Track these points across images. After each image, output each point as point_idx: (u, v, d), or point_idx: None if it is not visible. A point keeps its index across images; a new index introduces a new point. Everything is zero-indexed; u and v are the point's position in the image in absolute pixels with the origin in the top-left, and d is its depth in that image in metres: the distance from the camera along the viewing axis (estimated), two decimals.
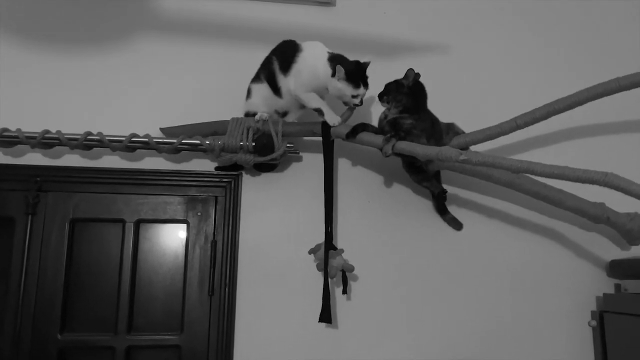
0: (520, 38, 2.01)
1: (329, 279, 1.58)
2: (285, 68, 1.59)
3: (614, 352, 1.67)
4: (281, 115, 1.70)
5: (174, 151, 1.69)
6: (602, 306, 1.78)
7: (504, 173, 1.63)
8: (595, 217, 1.71)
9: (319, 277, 1.61)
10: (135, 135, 1.64)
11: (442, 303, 1.77)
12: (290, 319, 1.69)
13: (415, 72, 1.58)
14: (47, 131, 1.61)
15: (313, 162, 1.77)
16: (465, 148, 1.62)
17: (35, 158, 1.69)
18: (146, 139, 1.65)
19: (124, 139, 1.63)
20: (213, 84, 1.81)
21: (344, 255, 1.60)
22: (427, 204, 1.83)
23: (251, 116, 1.67)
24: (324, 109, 1.60)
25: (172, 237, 1.73)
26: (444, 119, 1.67)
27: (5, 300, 1.60)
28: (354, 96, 1.54)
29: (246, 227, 1.73)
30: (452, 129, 1.67)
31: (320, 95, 1.60)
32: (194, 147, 1.67)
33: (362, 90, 1.54)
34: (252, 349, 1.66)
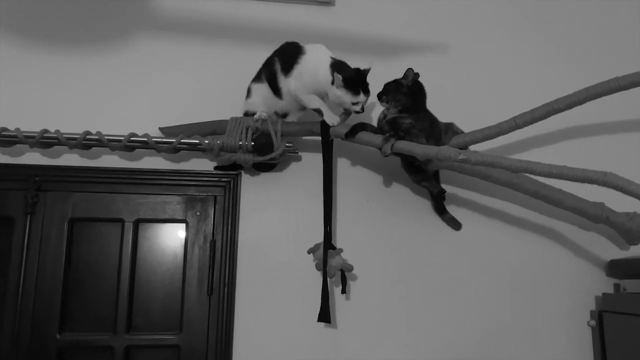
0: (520, 38, 2.01)
1: (328, 279, 1.58)
2: (287, 69, 1.59)
3: (613, 352, 1.67)
4: (281, 116, 1.70)
5: (173, 151, 1.69)
6: (601, 306, 1.78)
7: (503, 172, 1.63)
8: (594, 216, 1.71)
9: (318, 276, 1.61)
10: (134, 135, 1.64)
11: (441, 303, 1.77)
12: (289, 318, 1.69)
13: (415, 72, 1.58)
14: (46, 130, 1.61)
15: (312, 161, 1.77)
16: (465, 148, 1.62)
17: (34, 157, 1.69)
18: (145, 139, 1.64)
19: (123, 138, 1.63)
20: (212, 83, 1.81)
21: (343, 254, 1.60)
22: (426, 204, 1.83)
23: (250, 116, 1.67)
24: (323, 110, 1.60)
25: (171, 236, 1.73)
26: (443, 119, 1.67)
27: (4, 300, 1.60)
28: (353, 103, 1.54)
29: (245, 227, 1.73)
30: (451, 128, 1.67)
31: (320, 97, 1.60)
32: (193, 147, 1.67)
33: (362, 97, 1.53)
34: (251, 348, 1.66)
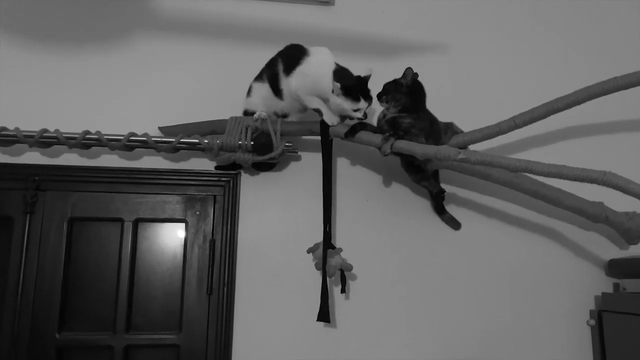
0: (519, 37, 2.01)
1: (328, 278, 1.57)
2: (289, 69, 1.58)
3: (613, 352, 1.67)
4: (280, 117, 1.70)
5: (173, 150, 1.68)
6: (601, 305, 1.78)
7: (503, 172, 1.63)
8: (593, 216, 1.72)
9: (318, 276, 1.61)
10: (133, 134, 1.64)
11: (440, 302, 1.77)
12: (289, 318, 1.69)
13: (414, 71, 1.58)
14: (45, 130, 1.60)
15: (312, 161, 1.77)
16: (464, 147, 1.62)
17: (33, 157, 1.69)
18: (145, 138, 1.64)
19: (122, 138, 1.63)
20: (212, 83, 1.81)
21: (342, 254, 1.59)
22: (425, 204, 1.83)
23: (250, 115, 1.67)
24: (323, 110, 1.59)
25: (171, 236, 1.73)
26: (442, 118, 1.67)
27: (3, 300, 1.59)
28: (355, 110, 1.53)
29: (245, 227, 1.73)
30: (450, 128, 1.67)
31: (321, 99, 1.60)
32: (192, 146, 1.67)
33: (362, 104, 1.53)
34: (250, 348, 1.66)
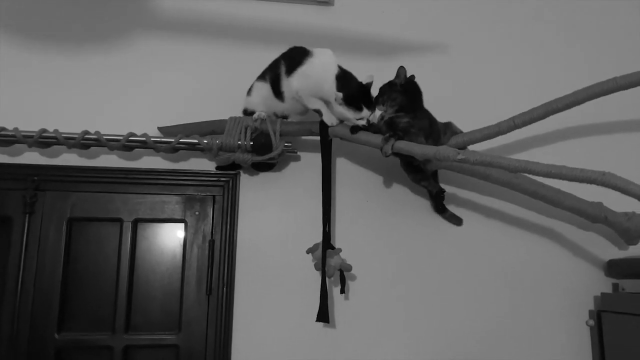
0: (519, 37, 2.01)
1: (327, 279, 1.57)
2: (291, 70, 1.58)
3: (612, 352, 1.67)
4: (280, 118, 1.69)
5: (172, 150, 1.68)
6: (600, 306, 1.78)
7: (502, 172, 1.63)
8: (593, 216, 1.72)
9: (317, 276, 1.61)
10: (133, 135, 1.64)
11: (440, 302, 1.77)
12: (288, 318, 1.69)
13: (406, 69, 1.57)
14: (45, 130, 1.60)
15: (311, 161, 1.77)
16: (463, 147, 1.62)
17: (32, 157, 1.69)
18: (144, 138, 1.64)
19: (121, 138, 1.63)
20: (211, 83, 1.81)
21: (341, 254, 1.60)
22: (425, 204, 1.82)
23: (249, 114, 1.67)
24: (323, 110, 1.59)
25: (170, 236, 1.72)
26: (442, 119, 1.66)
27: (2, 300, 1.59)
28: (358, 119, 1.53)
29: (244, 227, 1.73)
30: (450, 128, 1.67)
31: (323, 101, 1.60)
32: (191, 147, 1.67)
33: (365, 112, 1.52)
34: (249, 348, 1.66)
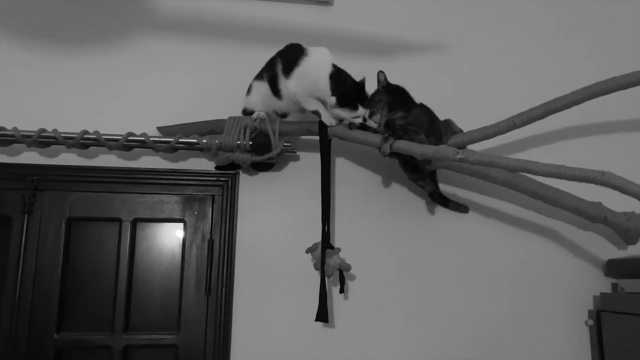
0: (519, 37, 2.01)
1: (326, 278, 1.57)
2: (288, 71, 1.57)
3: (611, 352, 1.67)
4: (279, 116, 1.69)
5: (171, 150, 1.68)
6: (599, 305, 1.78)
7: (501, 172, 1.63)
8: (592, 216, 1.72)
9: (316, 276, 1.61)
10: (132, 134, 1.64)
11: (439, 302, 1.77)
12: (287, 318, 1.69)
13: (381, 71, 1.59)
14: (44, 130, 1.60)
15: (310, 161, 1.76)
16: (463, 147, 1.62)
17: (31, 157, 1.69)
18: (143, 138, 1.64)
19: (120, 137, 1.62)
20: (210, 82, 1.81)
21: (341, 254, 1.60)
22: (424, 203, 1.82)
23: (249, 113, 1.67)
24: (321, 111, 1.59)
25: (169, 236, 1.72)
26: (441, 118, 1.67)
27: (1, 300, 1.59)
28: (354, 117, 1.54)
29: (243, 226, 1.73)
30: (450, 128, 1.66)
31: (319, 101, 1.59)
32: (190, 146, 1.67)
33: (360, 111, 1.53)
34: (249, 348, 1.66)
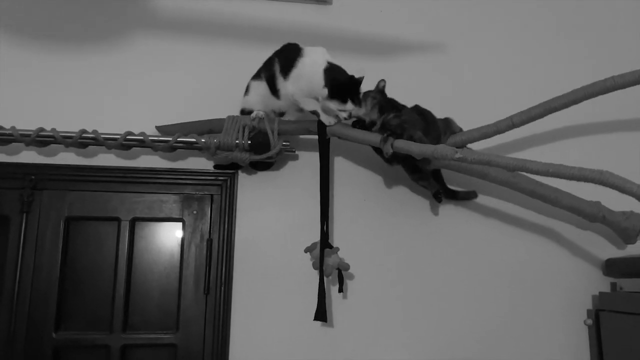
0: (518, 37, 2.01)
1: (325, 278, 1.57)
2: (286, 72, 1.57)
3: (610, 351, 1.67)
4: (278, 115, 1.69)
5: (170, 149, 1.68)
6: (598, 305, 1.78)
7: (500, 171, 1.63)
8: (591, 215, 1.72)
9: (315, 275, 1.60)
10: (130, 133, 1.64)
11: (438, 302, 1.77)
12: (286, 317, 1.69)
13: (382, 80, 1.58)
14: (42, 129, 1.60)
15: (309, 160, 1.76)
16: (461, 146, 1.62)
17: (30, 156, 1.69)
18: (141, 137, 1.64)
19: (119, 137, 1.62)
20: (209, 82, 1.81)
21: (339, 253, 1.59)
22: (424, 203, 1.82)
23: (247, 113, 1.67)
24: (319, 111, 1.59)
25: (168, 235, 1.72)
26: (441, 117, 1.67)
27: None
28: (340, 110, 1.52)
29: (242, 226, 1.73)
30: (449, 127, 1.67)
31: (317, 100, 1.59)
32: (189, 146, 1.66)
33: (349, 106, 1.51)
34: (247, 347, 1.65)
